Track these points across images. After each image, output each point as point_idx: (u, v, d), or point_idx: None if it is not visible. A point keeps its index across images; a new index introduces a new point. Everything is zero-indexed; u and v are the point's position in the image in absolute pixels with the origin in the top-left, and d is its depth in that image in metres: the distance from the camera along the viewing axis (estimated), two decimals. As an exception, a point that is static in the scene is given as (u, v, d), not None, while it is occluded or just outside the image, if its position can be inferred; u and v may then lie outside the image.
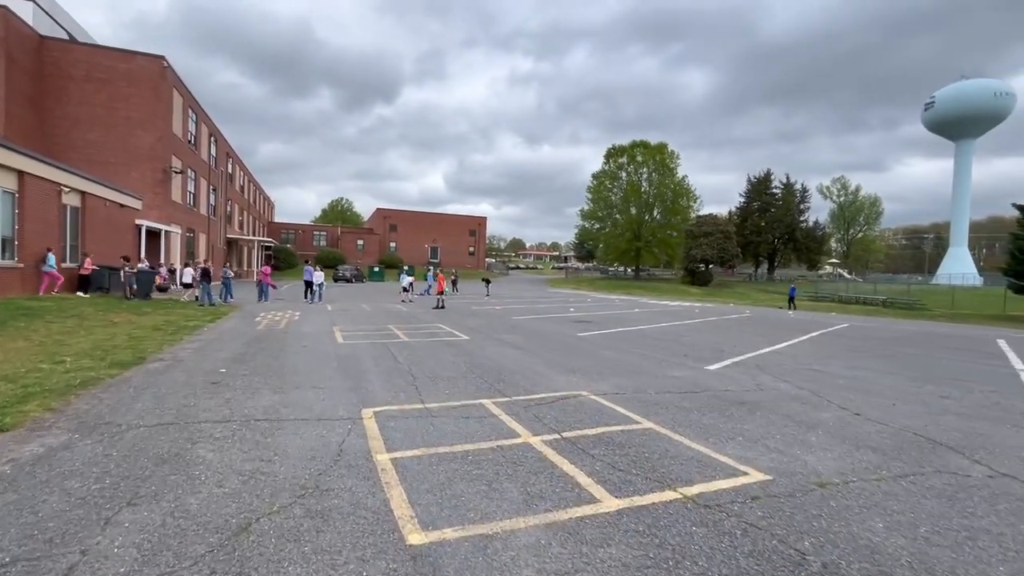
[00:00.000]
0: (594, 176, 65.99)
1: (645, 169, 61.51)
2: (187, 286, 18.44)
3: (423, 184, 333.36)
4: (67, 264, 16.24)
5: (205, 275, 16.00)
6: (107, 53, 25.60)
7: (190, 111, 30.83)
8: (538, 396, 6.16)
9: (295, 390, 6.08)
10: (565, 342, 11.13)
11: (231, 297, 18.33)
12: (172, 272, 24.02)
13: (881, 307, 35.57)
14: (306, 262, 19.87)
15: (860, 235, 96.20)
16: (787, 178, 60.20)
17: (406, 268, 33.60)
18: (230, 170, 43.56)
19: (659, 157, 58.95)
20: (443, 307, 18.51)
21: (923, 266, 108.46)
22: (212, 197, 37.00)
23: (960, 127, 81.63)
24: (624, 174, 63.28)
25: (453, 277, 30.81)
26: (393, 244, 73.07)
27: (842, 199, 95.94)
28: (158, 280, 17.02)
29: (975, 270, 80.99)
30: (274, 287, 18.93)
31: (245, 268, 47.03)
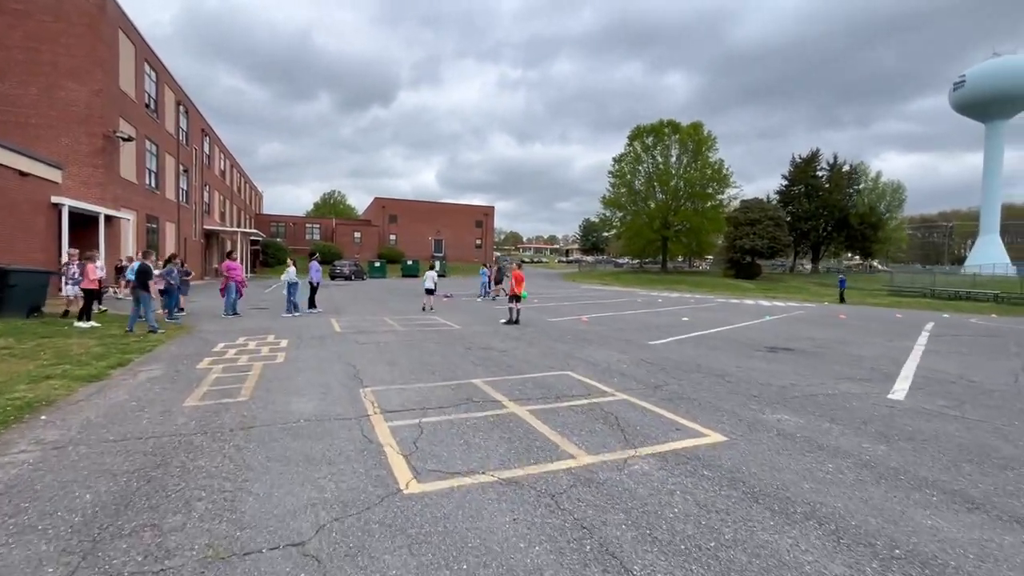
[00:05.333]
0: (615, 160, 59.77)
1: (675, 151, 55.34)
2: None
3: (416, 181, 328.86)
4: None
5: (141, 279, 9.75)
6: (24, -24, 19.05)
7: (147, 66, 24.34)
8: None
9: None
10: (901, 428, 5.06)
11: (179, 312, 12.03)
12: (119, 271, 17.68)
13: (993, 303, 29.80)
14: (312, 255, 13.42)
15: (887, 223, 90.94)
16: (834, 158, 54.32)
17: (433, 264, 27.46)
18: (207, 150, 37.03)
19: (694, 138, 52.72)
20: (517, 321, 12.30)
21: (933, 257, 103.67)
22: (183, 180, 30.58)
23: (992, 107, 76.43)
24: (650, 157, 57.07)
25: (498, 273, 23.73)
26: (393, 236, 66.72)
27: (862, 185, 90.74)
28: (69, 286, 10.72)
29: (1008, 259, 76.08)
30: (243, 285, 12.57)
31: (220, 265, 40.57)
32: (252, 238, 46.40)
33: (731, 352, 9.13)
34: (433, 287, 15.66)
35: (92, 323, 10.20)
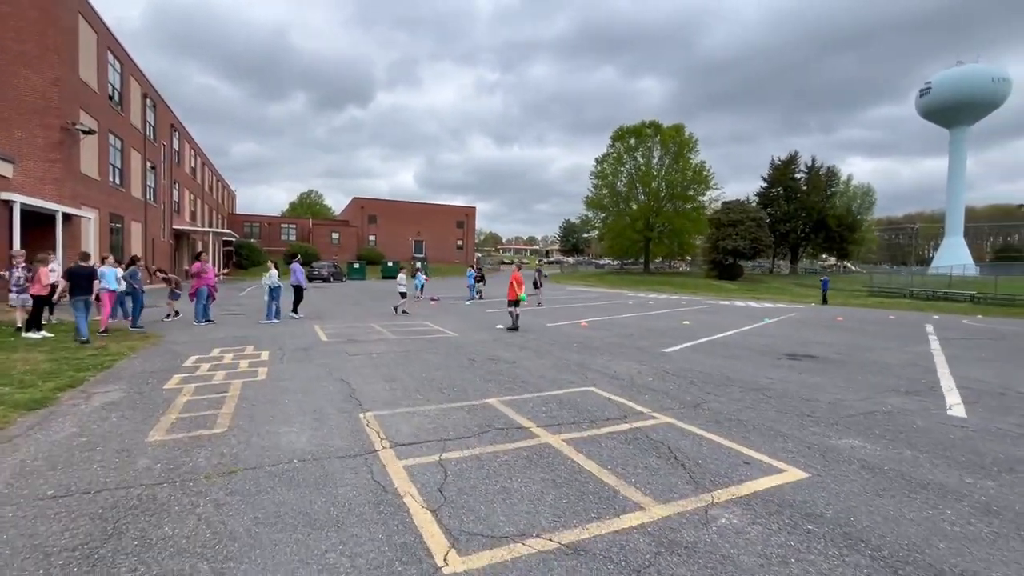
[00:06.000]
0: (598, 160, 59.61)
1: (657, 152, 55.40)
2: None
3: (394, 181, 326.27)
4: None
5: (75, 281, 8.70)
6: (-30, -47, 17.49)
7: (110, 55, 22.82)
8: None
9: None
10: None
11: (136, 325, 10.86)
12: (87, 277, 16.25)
13: (971, 303, 30.26)
14: (293, 256, 12.30)
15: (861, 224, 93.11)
16: (812, 161, 55.09)
17: (419, 264, 26.39)
18: (176, 146, 35.27)
19: (676, 139, 52.83)
20: (517, 328, 11.51)
21: (899, 257, 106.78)
22: (151, 177, 28.93)
23: (956, 113, 78.74)
24: (632, 158, 57.00)
25: (479, 272, 23.17)
26: (372, 237, 65.27)
27: (838, 188, 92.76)
28: (14, 292, 9.50)
29: (971, 260, 78.60)
30: (215, 289, 11.54)
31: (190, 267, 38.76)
32: (225, 238, 44.59)
33: (752, 360, 8.54)
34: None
35: (43, 333, 9.07)
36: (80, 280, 8.98)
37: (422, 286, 22.19)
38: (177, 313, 12.62)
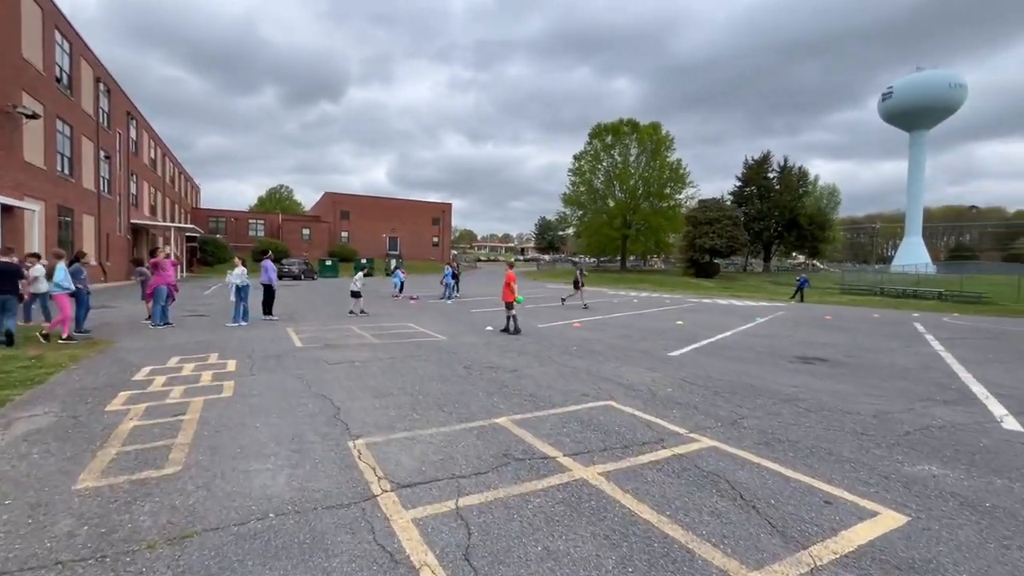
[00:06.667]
0: (576, 157, 59.26)
1: (635, 150, 55.35)
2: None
3: (367, 178, 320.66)
4: None
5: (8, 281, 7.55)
6: None
7: (58, 34, 21.00)
8: None
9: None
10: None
11: (82, 329, 9.65)
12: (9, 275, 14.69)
13: (938, 300, 30.97)
14: (264, 253, 11.07)
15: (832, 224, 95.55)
16: (784, 161, 55.94)
17: (395, 262, 25.25)
18: (134, 135, 33.14)
19: (653, 137, 52.87)
20: (508, 331, 10.71)
21: (861, 256, 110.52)
22: (105, 167, 26.99)
23: (915, 117, 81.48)
24: (609, 156, 56.83)
25: (455, 269, 22.36)
26: (345, 234, 63.44)
27: (804, 189, 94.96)
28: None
29: (929, 259, 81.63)
30: (175, 288, 10.40)
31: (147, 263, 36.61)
32: (188, 234, 42.37)
33: (765, 365, 8.01)
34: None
35: (-33, 342, 7.84)
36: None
37: (401, 284, 21.20)
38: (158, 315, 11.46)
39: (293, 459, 3.74)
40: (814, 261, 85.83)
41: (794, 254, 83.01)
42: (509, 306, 10.63)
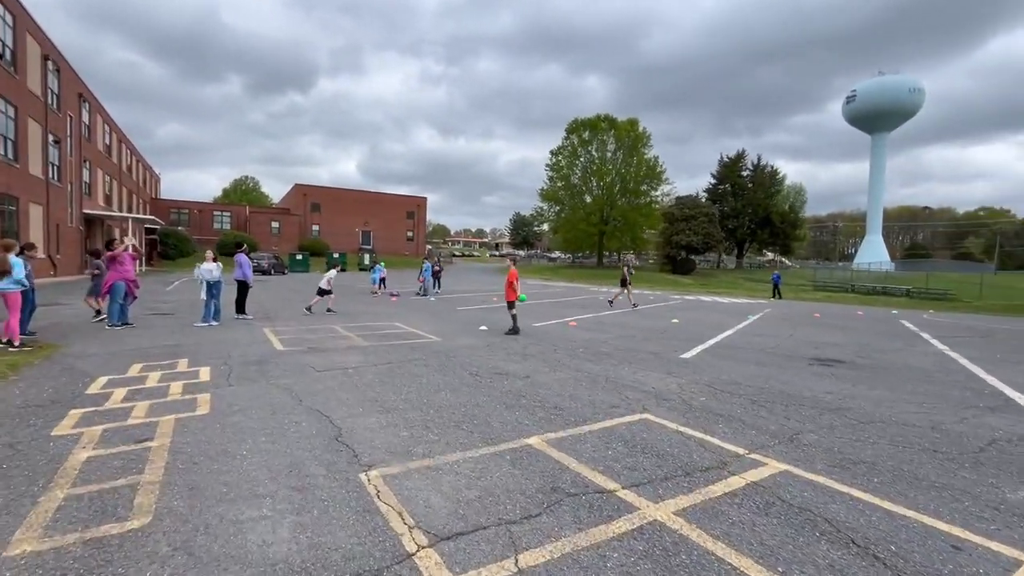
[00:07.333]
0: (553, 152, 58.82)
1: (612, 146, 55.28)
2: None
3: (336, 170, 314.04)
4: None
5: None
6: None
7: (-1, 4, 19.12)
8: None
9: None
10: None
11: (26, 331, 8.51)
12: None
13: (906, 298, 31.84)
14: (238, 247, 10.00)
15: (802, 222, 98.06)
16: (757, 159, 56.84)
17: (369, 256, 24.23)
18: (87, 119, 30.92)
19: (631, 134, 52.90)
20: (517, 331, 10.03)
21: (824, 254, 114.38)
22: (54, 153, 25.00)
23: (877, 120, 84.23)
24: (586, 152, 56.61)
25: (437, 267, 21.63)
26: (316, 227, 61.44)
27: (776, 188, 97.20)
28: None
29: (888, 257, 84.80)
30: (136, 285, 9.36)
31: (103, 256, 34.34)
32: (148, 226, 40.04)
33: (787, 368, 7.60)
34: (328, 288, 12.83)
35: None
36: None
37: (381, 280, 20.27)
38: (99, 313, 10.35)
39: (295, 501, 3.00)
40: (782, 258, 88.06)
41: (765, 252, 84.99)
42: (511, 305, 9.98)
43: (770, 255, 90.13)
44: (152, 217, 40.65)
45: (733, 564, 2.48)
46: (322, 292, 12.87)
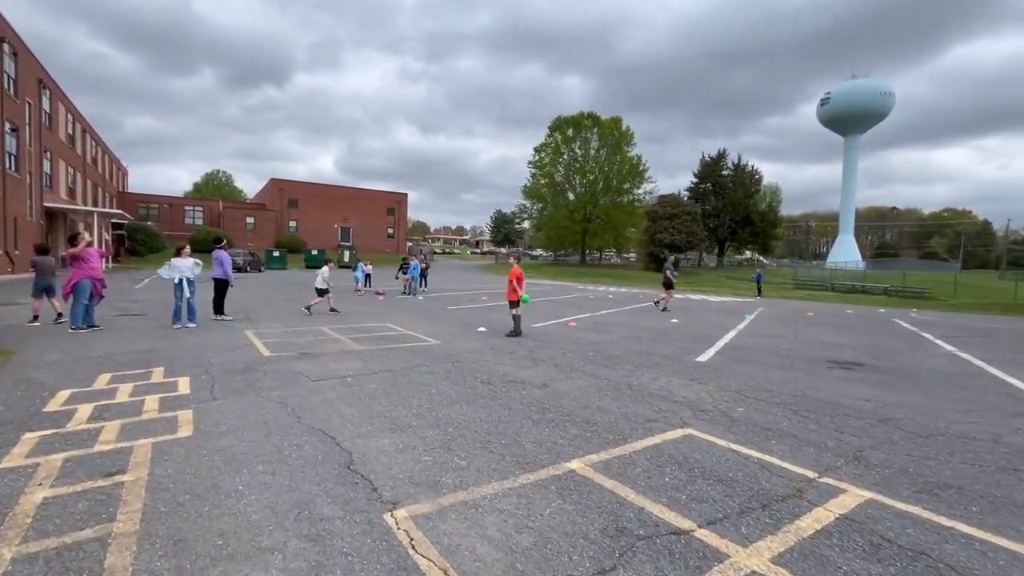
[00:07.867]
0: (536, 150, 58.44)
1: (595, 144, 55.16)
2: None
3: (313, 166, 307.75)
4: None
5: None
6: None
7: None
8: None
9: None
10: None
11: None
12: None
13: (885, 296, 32.40)
14: (218, 243, 9.14)
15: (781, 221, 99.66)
16: (738, 159, 57.39)
17: (349, 253, 23.35)
18: (47, 107, 29.18)
19: (614, 132, 52.84)
20: (519, 332, 9.48)
21: (797, 252, 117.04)
22: (12, 142, 23.45)
23: (850, 122, 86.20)
24: (570, 149, 56.37)
25: (424, 264, 20.78)
26: (293, 223, 59.79)
27: (756, 188, 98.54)
28: None
29: (859, 256, 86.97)
30: (103, 284, 8.53)
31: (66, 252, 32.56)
32: (115, 220, 38.16)
33: (809, 372, 7.25)
34: (325, 287, 12.13)
35: None
36: None
37: (366, 278, 19.51)
38: (60, 315, 9.48)
39: (311, 558, 2.42)
40: (760, 257, 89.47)
41: (743, 250, 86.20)
42: (513, 305, 9.42)
43: (748, 254, 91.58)
44: (119, 212, 38.75)
45: (872, 636, 2.00)
46: (321, 292, 12.10)
